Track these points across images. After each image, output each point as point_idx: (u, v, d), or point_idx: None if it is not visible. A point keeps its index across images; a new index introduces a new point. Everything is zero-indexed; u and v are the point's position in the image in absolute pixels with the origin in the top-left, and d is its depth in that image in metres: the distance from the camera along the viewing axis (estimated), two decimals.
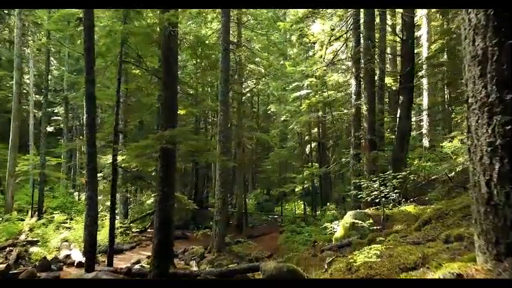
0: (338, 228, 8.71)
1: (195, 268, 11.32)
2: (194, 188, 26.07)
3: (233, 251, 14.31)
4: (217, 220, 13.69)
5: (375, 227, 7.62)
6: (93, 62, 7.96)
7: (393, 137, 17.31)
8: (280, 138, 31.77)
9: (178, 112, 10.61)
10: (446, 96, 21.62)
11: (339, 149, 20.62)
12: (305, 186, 23.32)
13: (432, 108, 21.10)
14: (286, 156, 25.65)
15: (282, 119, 27.35)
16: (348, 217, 8.35)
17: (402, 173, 8.12)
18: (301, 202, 24.03)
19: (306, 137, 24.99)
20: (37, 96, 26.73)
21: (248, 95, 28.30)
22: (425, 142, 20.90)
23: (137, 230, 17.28)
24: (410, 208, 8.05)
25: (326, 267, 4.22)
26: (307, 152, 26.25)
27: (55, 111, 30.19)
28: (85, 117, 8.04)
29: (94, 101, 7.94)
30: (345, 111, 21.04)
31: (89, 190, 7.78)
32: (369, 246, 3.24)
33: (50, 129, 30.19)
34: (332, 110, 19.73)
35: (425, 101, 21.21)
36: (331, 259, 4.48)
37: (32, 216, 19.58)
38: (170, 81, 6.49)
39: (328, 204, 22.50)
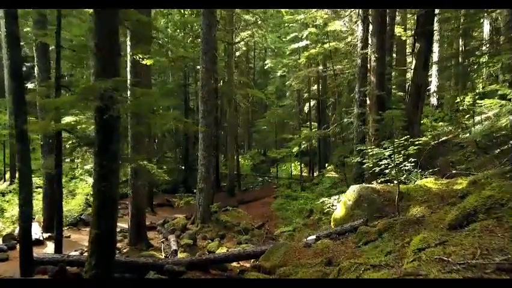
0: (338, 206, 7.10)
1: (173, 244, 9.84)
2: (185, 149, 24.49)
3: (220, 221, 12.87)
4: (201, 188, 12.11)
5: (386, 209, 6.04)
6: None
7: (402, 94, 15.38)
8: (278, 95, 29.73)
9: (145, 63, 8.62)
10: (460, 49, 19.32)
11: (340, 107, 18.72)
12: (303, 146, 21.70)
13: (441, 63, 18.95)
14: (283, 116, 23.72)
15: (279, 74, 25.15)
16: (351, 193, 6.70)
17: (423, 139, 6.37)
18: (298, 163, 22.50)
19: (305, 95, 23.00)
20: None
21: (244, 48, 25.94)
22: (433, 100, 19.05)
23: None
24: (429, 182, 6.38)
25: None
26: (306, 111, 24.37)
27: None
28: (6, 63, 6.09)
29: (18, 43, 5.98)
30: (348, 65, 18.91)
31: (19, 162, 6.03)
32: None
33: (30, 85, 28.07)
34: (334, 63, 17.55)
35: (435, 53, 19.08)
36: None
37: (5, 181, 18.11)
38: (106, 11, 4.50)
39: (326, 166, 21.00)
